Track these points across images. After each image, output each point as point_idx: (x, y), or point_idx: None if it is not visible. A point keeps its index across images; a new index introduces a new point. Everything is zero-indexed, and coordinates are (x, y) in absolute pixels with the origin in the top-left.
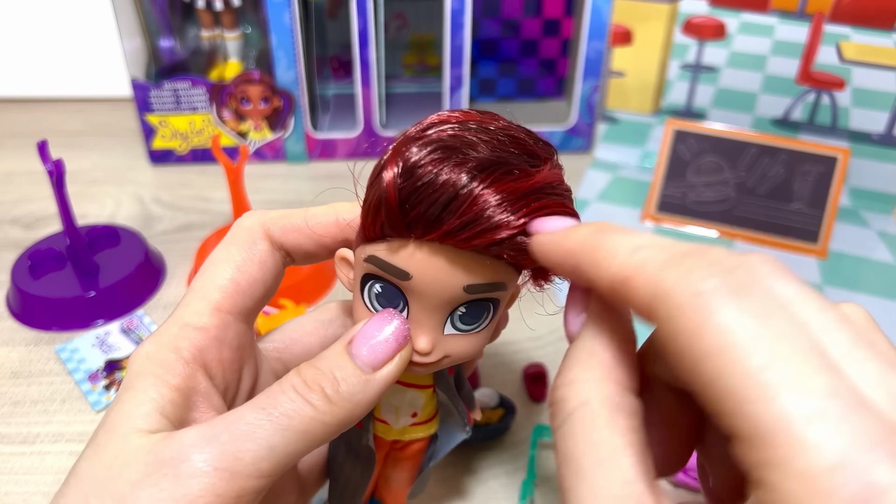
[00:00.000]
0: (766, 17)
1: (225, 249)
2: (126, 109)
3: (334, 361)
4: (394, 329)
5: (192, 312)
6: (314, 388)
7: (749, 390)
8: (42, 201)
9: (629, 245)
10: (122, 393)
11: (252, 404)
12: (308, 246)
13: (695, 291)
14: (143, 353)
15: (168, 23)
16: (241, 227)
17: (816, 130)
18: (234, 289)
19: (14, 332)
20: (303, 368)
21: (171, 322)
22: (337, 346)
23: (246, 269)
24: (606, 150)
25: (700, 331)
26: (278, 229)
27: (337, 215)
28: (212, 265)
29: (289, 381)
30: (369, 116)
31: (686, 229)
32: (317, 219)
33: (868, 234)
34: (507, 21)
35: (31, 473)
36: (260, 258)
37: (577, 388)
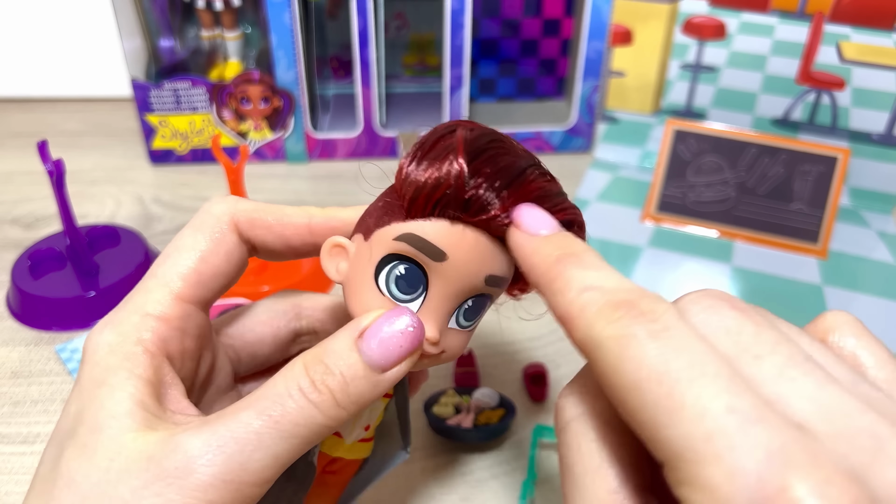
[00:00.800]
0: (766, 17)
1: (191, 236)
2: (126, 109)
3: (343, 358)
4: (409, 328)
5: (153, 301)
6: (323, 390)
7: (660, 416)
8: (42, 201)
9: (578, 284)
10: (95, 388)
11: (257, 408)
12: (275, 245)
13: (618, 336)
14: (103, 344)
15: (168, 23)
16: (209, 214)
17: (816, 130)
18: (196, 279)
19: (14, 332)
20: (310, 365)
21: (131, 309)
22: (346, 340)
23: (211, 260)
24: (606, 150)
25: (619, 369)
26: (247, 223)
27: (310, 219)
28: (175, 251)
29: (295, 380)
30: (369, 116)
31: (686, 229)
32: (289, 219)
33: (868, 234)
34: (507, 21)
35: (32, 473)
36: (226, 249)
37: (574, 401)
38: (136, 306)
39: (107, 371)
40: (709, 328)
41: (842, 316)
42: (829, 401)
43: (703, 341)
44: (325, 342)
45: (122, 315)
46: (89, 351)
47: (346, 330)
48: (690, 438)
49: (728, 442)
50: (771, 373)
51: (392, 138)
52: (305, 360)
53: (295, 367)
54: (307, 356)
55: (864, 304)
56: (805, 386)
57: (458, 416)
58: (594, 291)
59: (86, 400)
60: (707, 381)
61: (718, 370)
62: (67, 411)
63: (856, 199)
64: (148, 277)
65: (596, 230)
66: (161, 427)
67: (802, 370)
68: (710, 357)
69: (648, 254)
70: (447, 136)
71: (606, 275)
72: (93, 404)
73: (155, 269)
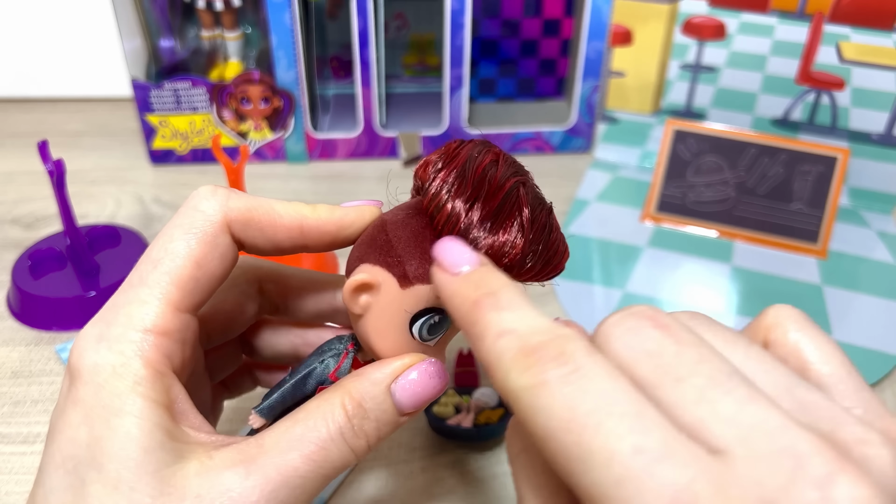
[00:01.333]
0: (766, 17)
1: (183, 239)
2: (126, 109)
3: (379, 404)
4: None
5: (151, 314)
6: (360, 436)
7: (572, 465)
8: (42, 201)
9: (495, 329)
10: (112, 417)
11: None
12: (264, 245)
13: (529, 385)
14: (105, 365)
15: (168, 23)
16: (200, 213)
17: (816, 130)
18: (193, 286)
19: (14, 332)
20: (351, 410)
21: (126, 323)
22: (382, 385)
23: (206, 265)
24: (606, 150)
25: (533, 420)
26: (240, 224)
27: (301, 220)
28: (168, 256)
29: (337, 424)
30: (369, 116)
31: (686, 229)
32: (281, 220)
33: (868, 234)
34: (507, 21)
35: (32, 473)
36: (220, 252)
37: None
38: (133, 320)
39: (119, 397)
40: (630, 352)
41: (785, 310)
42: (750, 420)
43: (613, 377)
44: (360, 382)
45: (117, 330)
46: (87, 370)
47: (381, 373)
48: (602, 485)
49: (636, 486)
50: (691, 396)
51: (392, 138)
52: (345, 403)
53: (336, 411)
54: (346, 399)
55: (864, 304)
56: (726, 407)
57: (458, 416)
58: (508, 337)
59: (102, 429)
60: (613, 422)
61: (625, 409)
62: (76, 436)
63: (855, 199)
64: (138, 285)
65: (596, 230)
66: (192, 455)
67: (724, 389)
68: (619, 394)
69: (648, 254)
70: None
71: (521, 315)
72: (116, 435)
73: (145, 276)
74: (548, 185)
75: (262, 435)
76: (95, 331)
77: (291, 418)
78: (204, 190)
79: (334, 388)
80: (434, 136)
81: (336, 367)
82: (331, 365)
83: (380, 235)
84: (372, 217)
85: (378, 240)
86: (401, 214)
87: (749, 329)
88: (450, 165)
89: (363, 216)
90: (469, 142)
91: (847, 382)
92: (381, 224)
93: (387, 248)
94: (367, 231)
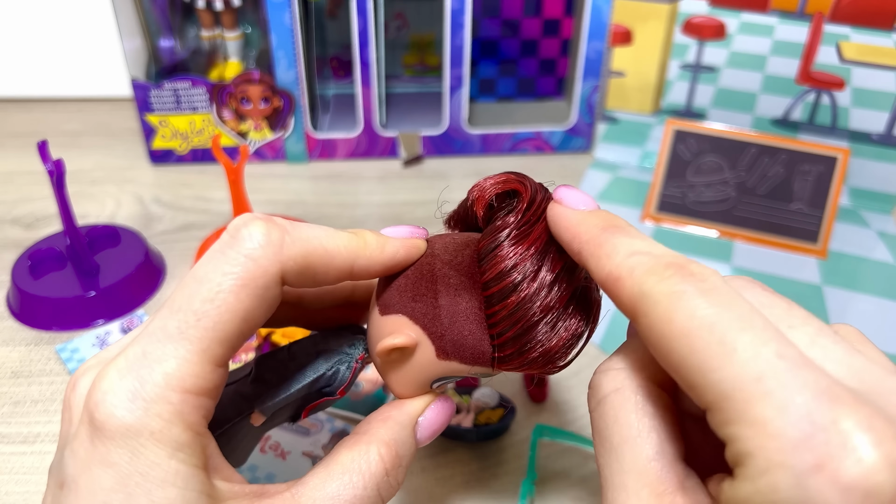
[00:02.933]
0: (766, 17)
1: (234, 294)
2: (126, 109)
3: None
4: (450, 413)
5: (193, 375)
6: (394, 485)
7: (711, 360)
8: (42, 201)
9: (626, 249)
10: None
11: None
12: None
13: (669, 291)
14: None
15: (168, 23)
16: (255, 264)
17: (816, 130)
18: (238, 342)
19: (14, 332)
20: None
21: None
22: (409, 429)
23: (254, 320)
24: (606, 150)
25: (671, 318)
26: (295, 275)
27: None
28: (216, 311)
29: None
30: (369, 116)
31: (686, 229)
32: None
33: (868, 234)
34: (507, 21)
35: (32, 473)
36: (269, 305)
37: (612, 375)
38: (171, 380)
39: (160, 467)
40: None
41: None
42: (858, 366)
43: (748, 301)
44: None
45: (154, 391)
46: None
47: (406, 415)
48: (741, 379)
49: (779, 381)
50: (804, 340)
51: (392, 138)
52: (382, 455)
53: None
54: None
55: (864, 304)
56: (836, 352)
57: (458, 416)
58: (643, 255)
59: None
60: (756, 331)
61: (766, 324)
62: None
63: (855, 199)
64: (178, 338)
65: None
66: None
67: (832, 340)
68: (757, 314)
69: None
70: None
71: (653, 244)
72: None
73: (186, 329)
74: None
75: (297, 490)
76: (128, 385)
77: (326, 470)
78: (256, 231)
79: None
80: (434, 136)
81: (347, 381)
82: (341, 373)
83: (426, 290)
84: (420, 254)
85: (424, 295)
86: (452, 274)
87: None
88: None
89: (412, 254)
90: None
91: None
92: (429, 272)
93: (433, 314)
94: (411, 273)
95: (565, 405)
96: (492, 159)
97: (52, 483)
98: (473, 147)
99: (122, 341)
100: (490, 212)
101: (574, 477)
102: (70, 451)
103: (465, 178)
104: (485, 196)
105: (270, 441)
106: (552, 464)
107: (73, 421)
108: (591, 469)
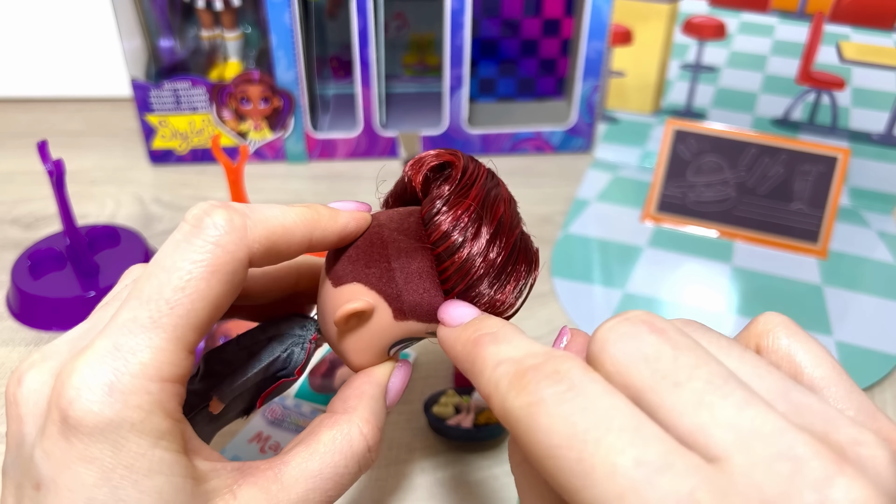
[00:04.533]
0: (766, 17)
1: (206, 280)
2: (126, 109)
3: (383, 419)
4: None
5: (169, 364)
6: (374, 455)
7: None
8: (42, 201)
9: (493, 360)
10: (142, 479)
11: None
12: (273, 265)
13: (527, 404)
14: (124, 423)
15: (168, 23)
16: (222, 250)
17: (816, 130)
18: (208, 328)
19: (14, 332)
20: (373, 441)
21: (142, 373)
22: (381, 399)
23: (223, 305)
24: (606, 150)
25: (532, 438)
26: (259, 256)
27: (311, 235)
28: (189, 299)
29: (356, 458)
30: (369, 116)
31: (686, 229)
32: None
33: (868, 234)
34: (507, 21)
35: None
36: (236, 289)
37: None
38: (148, 370)
39: (144, 457)
40: (628, 357)
41: (775, 317)
42: (748, 424)
43: (609, 393)
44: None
45: (132, 382)
46: (98, 426)
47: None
48: (605, 499)
49: (638, 498)
50: (690, 401)
51: (392, 138)
52: (364, 433)
53: (354, 442)
54: (364, 427)
55: (864, 304)
56: (724, 412)
57: (458, 416)
58: (505, 364)
59: (131, 491)
60: (613, 436)
61: (624, 423)
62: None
63: (856, 199)
64: (151, 327)
65: (596, 230)
66: (216, 496)
67: (722, 394)
68: (616, 409)
69: (648, 254)
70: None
71: (517, 345)
72: (149, 498)
73: (159, 318)
74: (548, 185)
75: (280, 468)
76: (103, 379)
77: (307, 448)
78: (219, 218)
79: (344, 414)
80: (434, 136)
81: (302, 362)
82: (296, 355)
83: (378, 256)
84: (367, 226)
85: (377, 261)
86: (401, 238)
87: (740, 337)
88: (463, 202)
89: (361, 225)
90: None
91: (839, 385)
92: (378, 240)
93: (387, 277)
94: (361, 243)
95: None
96: (492, 159)
97: (10, 484)
98: (473, 147)
99: (71, 335)
100: (427, 185)
101: None
102: (41, 451)
103: None
104: (422, 169)
105: (271, 441)
106: None
107: (25, 419)
108: None
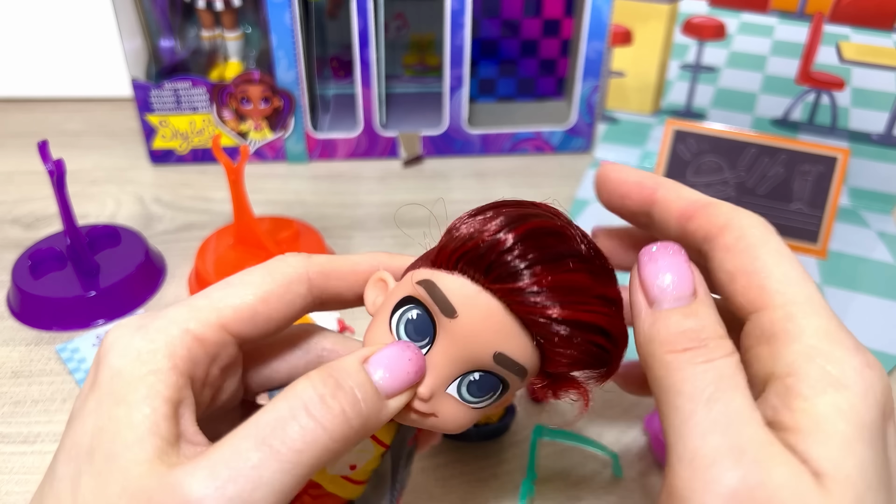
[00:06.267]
0: (766, 17)
1: (260, 275)
2: (126, 109)
3: (355, 377)
4: (414, 359)
5: (197, 320)
6: (333, 405)
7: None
8: (42, 201)
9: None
10: (114, 406)
11: (256, 438)
12: (347, 295)
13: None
14: (132, 350)
15: (168, 23)
16: (284, 263)
17: (816, 130)
18: (249, 315)
19: (14, 332)
20: (317, 381)
21: (172, 319)
22: (353, 363)
23: (272, 302)
24: (606, 150)
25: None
26: (321, 276)
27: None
28: (240, 283)
29: (299, 398)
30: (369, 116)
31: None
32: (359, 266)
33: (868, 234)
34: (507, 21)
35: (32, 473)
36: (291, 298)
37: None
38: (178, 320)
39: (128, 386)
40: None
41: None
42: None
43: None
44: (329, 364)
45: (160, 323)
46: (115, 352)
47: (352, 354)
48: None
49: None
50: None
51: (392, 138)
52: (311, 378)
53: (298, 386)
54: (312, 375)
55: (864, 304)
56: None
57: None
58: None
59: (105, 419)
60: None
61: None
62: (84, 424)
63: (855, 199)
64: (200, 296)
65: None
66: (170, 457)
67: None
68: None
69: None
70: (513, 208)
71: None
72: (111, 425)
73: (210, 292)
74: (548, 185)
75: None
76: (138, 321)
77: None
78: (291, 254)
79: None
80: (434, 136)
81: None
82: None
83: None
84: None
85: None
86: None
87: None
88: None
89: None
90: None
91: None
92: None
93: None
94: None
95: (565, 405)
96: (492, 159)
97: None
98: (473, 147)
99: None
100: None
101: (574, 477)
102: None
103: (465, 178)
104: None
105: None
106: (552, 464)
107: None
108: (591, 469)
